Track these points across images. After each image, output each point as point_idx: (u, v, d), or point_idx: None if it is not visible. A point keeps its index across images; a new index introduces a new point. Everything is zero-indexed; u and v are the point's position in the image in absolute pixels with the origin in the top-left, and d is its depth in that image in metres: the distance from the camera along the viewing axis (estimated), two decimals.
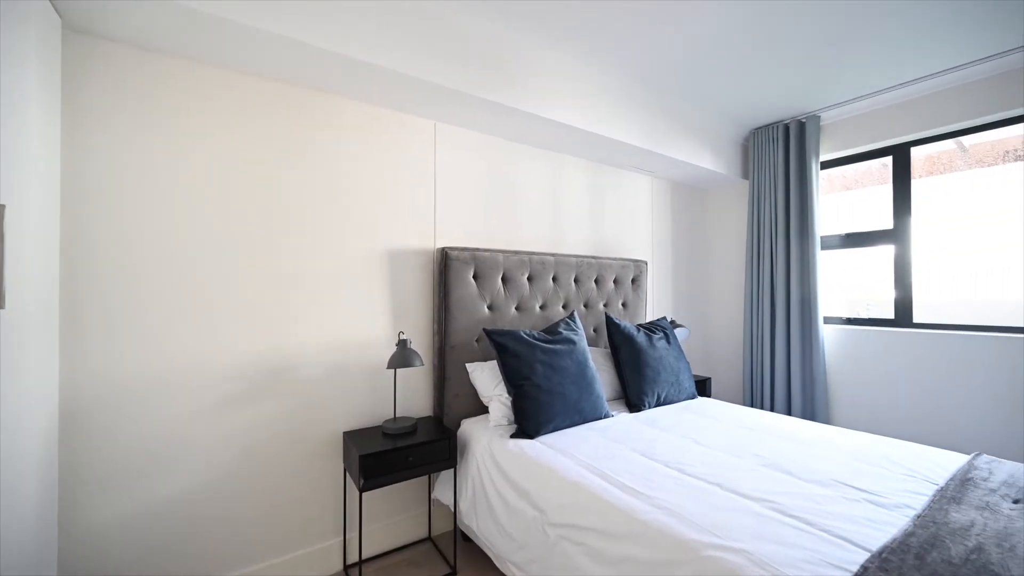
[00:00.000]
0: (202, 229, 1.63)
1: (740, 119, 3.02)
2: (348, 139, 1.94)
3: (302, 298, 1.83)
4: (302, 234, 1.83)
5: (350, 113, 1.95)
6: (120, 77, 1.50)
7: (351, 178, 1.95)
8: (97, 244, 1.47)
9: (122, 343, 1.50)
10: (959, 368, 2.41)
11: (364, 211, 1.98)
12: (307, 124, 1.85)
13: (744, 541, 1.09)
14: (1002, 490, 1.30)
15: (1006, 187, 2.37)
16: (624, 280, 2.85)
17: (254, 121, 1.73)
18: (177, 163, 1.59)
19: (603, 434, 1.84)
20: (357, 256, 1.96)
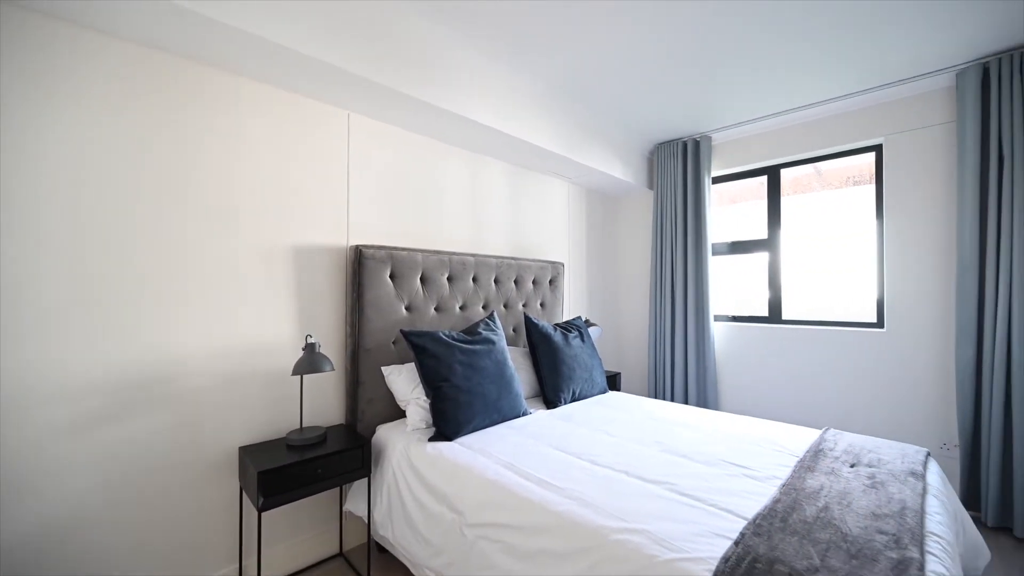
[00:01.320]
0: (61, 217, 1.36)
1: (646, 134, 3.29)
2: (253, 124, 1.76)
3: (190, 299, 1.61)
4: (193, 226, 1.62)
5: (256, 96, 1.77)
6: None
7: (254, 166, 1.77)
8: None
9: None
10: (818, 357, 2.85)
11: (268, 203, 1.81)
12: (205, 104, 1.65)
13: (646, 522, 1.18)
14: (843, 457, 1.56)
15: (850, 206, 2.86)
16: (542, 281, 2.94)
17: (141, 98, 1.49)
18: (31, 136, 1.31)
19: (521, 431, 1.88)
20: (259, 252, 1.78)
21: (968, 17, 1.92)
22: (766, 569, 0.96)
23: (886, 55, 2.21)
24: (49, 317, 1.36)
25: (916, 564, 0.98)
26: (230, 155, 1.71)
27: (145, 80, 1.52)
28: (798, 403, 2.91)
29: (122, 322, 1.48)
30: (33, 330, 1.33)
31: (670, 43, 2.11)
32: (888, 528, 1.12)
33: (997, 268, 2.17)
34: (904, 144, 2.56)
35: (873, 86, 2.50)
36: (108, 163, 1.46)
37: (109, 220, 1.46)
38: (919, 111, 2.51)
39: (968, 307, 2.26)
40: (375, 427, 2.00)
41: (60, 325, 1.38)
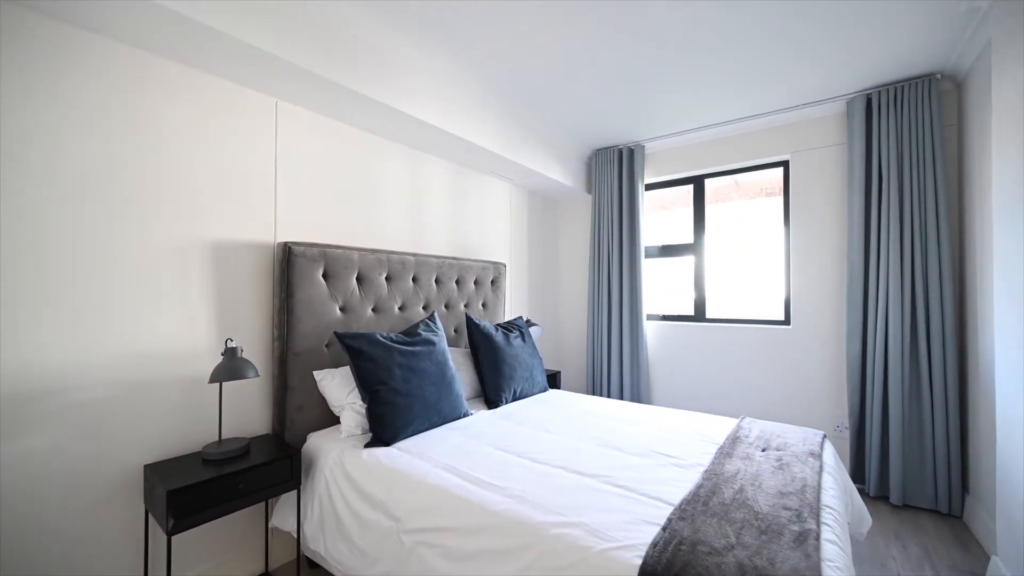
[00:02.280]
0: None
1: (585, 139, 3.40)
2: (167, 107, 1.58)
3: (91, 299, 1.42)
4: (94, 218, 1.42)
5: (170, 76, 1.59)
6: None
7: (168, 153, 1.59)
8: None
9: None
10: (736, 352, 3.12)
11: (183, 194, 1.64)
12: (109, 82, 1.46)
13: (583, 515, 1.22)
14: (756, 443, 1.72)
15: (763, 215, 3.16)
16: (484, 281, 2.95)
17: (44, 76, 1.28)
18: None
19: (462, 433, 1.87)
20: (173, 248, 1.61)
21: (857, 54, 2.20)
22: (689, 550, 1.03)
23: (794, 81, 2.47)
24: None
25: (813, 534, 1.10)
26: (139, 140, 1.53)
27: (43, 51, 1.32)
28: (720, 394, 3.17)
29: (10, 325, 1.27)
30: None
31: (607, 56, 2.21)
32: (792, 504, 1.25)
33: (877, 275, 2.50)
34: (806, 161, 2.88)
35: (782, 107, 2.78)
36: (16, 151, 1.25)
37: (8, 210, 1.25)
38: (818, 132, 2.83)
39: (856, 309, 2.58)
40: (306, 435, 1.88)
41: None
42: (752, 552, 1.03)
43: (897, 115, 2.45)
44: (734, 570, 0.97)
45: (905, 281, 2.39)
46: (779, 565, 0.98)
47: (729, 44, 2.11)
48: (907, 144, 2.41)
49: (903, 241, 2.41)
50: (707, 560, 1.00)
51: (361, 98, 1.93)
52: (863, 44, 2.13)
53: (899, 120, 2.44)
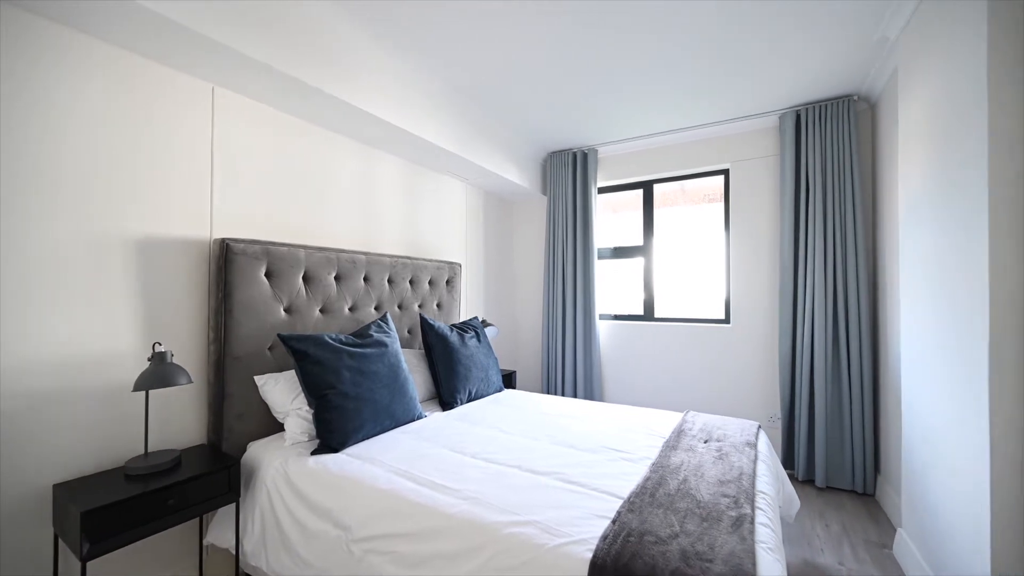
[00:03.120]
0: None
1: (540, 142, 3.45)
2: (86, 87, 1.43)
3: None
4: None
5: (92, 53, 1.44)
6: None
7: (79, 138, 1.44)
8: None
9: None
10: (683, 349, 3.28)
11: (98, 185, 1.48)
12: (18, 55, 1.29)
13: (537, 513, 1.23)
14: (699, 435, 1.82)
15: (707, 220, 3.35)
16: (439, 281, 2.91)
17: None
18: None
19: (416, 435, 1.83)
20: (84, 243, 1.46)
21: (787, 74, 2.38)
22: (637, 540, 1.07)
23: (733, 96, 2.64)
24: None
25: (748, 519, 1.18)
26: (49, 120, 1.37)
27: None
28: (667, 390, 3.31)
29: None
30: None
31: (563, 63, 2.25)
32: (730, 492, 1.33)
33: (805, 279, 2.72)
34: (744, 170, 3.08)
35: (723, 119, 2.96)
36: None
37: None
38: (755, 144, 3.04)
39: (787, 309, 2.79)
40: (246, 445, 1.77)
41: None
42: (694, 539, 1.09)
43: (821, 131, 2.68)
44: (677, 557, 1.02)
45: (828, 284, 2.62)
46: (718, 549, 1.04)
47: (675, 61, 2.22)
48: (830, 158, 2.64)
49: (826, 247, 2.63)
50: (653, 549, 1.04)
51: (309, 89, 1.84)
52: (792, 65, 2.31)
53: (823, 136, 2.67)
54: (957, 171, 1.42)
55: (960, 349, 1.40)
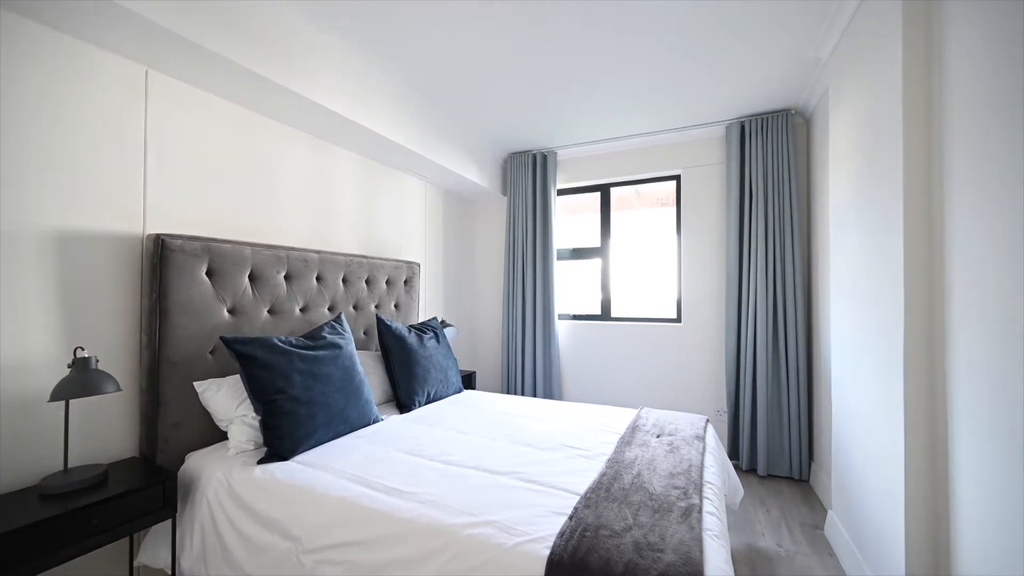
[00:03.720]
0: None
1: (501, 142, 3.46)
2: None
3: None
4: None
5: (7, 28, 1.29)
6: None
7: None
8: None
9: None
10: (638, 347, 3.39)
11: (8, 171, 1.33)
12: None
13: (495, 513, 1.23)
14: (652, 430, 1.89)
15: (660, 223, 3.48)
16: (397, 281, 2.84)
17: None
18: None
19: (371, 440, 1.78)
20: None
21: (733, 87, 2.53)
22: (593, 535, 1.10)
23: (684, 105, 2.76)
24: None
25: (696, 508, 1.24)
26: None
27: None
28: (623, 387, 3.42)
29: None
30: None
31: (522, 66, 2.26)
32: (680, 483, 1.39)
33: (749, 280, 2.89)
34: (694, 176, 3.23)
35: (674, 127, 3.10)
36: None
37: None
38: (704, 152, 3.20)
39: (732, 309, 2.96)
40: (184, 456, 1.65)
41: None
42: (647, 530, 1.13)
43: (763, 142, 2.86)
44: (631, 548, 1.05)
45: (769, 286, 2.81)
46: (668, 539, 1.09)
47: (629, 70, 2.30)
48: (770, 167, 2.82)
49: (767, 251, 2.82)
50: (608, 543, 1.07)
51: (256, 77, 1.74)
52: (737, 79, 2.45)
53: (764, 146, 2.85)
54: (877, 184, 1.56)
55: (880, 345, 1.53)
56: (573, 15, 1.90)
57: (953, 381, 1.22)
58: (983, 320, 1.09)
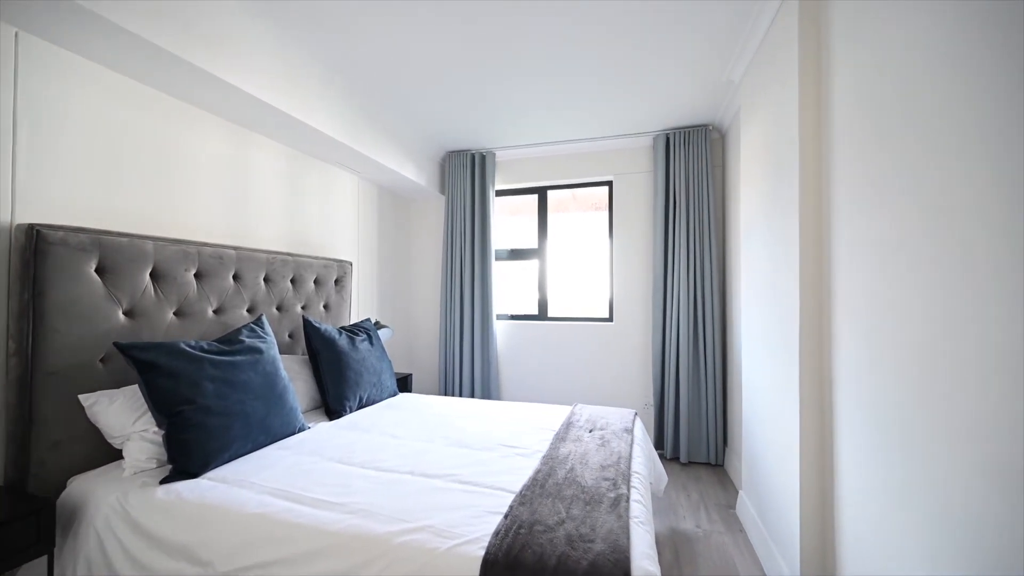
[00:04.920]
0: None
1: (439, 141, 3.41)
2: None
3: None
4: None
5: None
6: None
7: None
8: None
9: None
10: (573, 346, 3.50)
11: None
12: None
13: (430, 517, 1.20)
14: (585, 425, 1.96)
15: (594, 226, 3.63)
16: (327, 281, 2.69)
17: None
18: None
19: (296, 450, 1.66)
20: None
21: (659, 101, 2.70)
22: (527, 531, 1.11)
23: (615, 115, 2.90)
24: None
25: (624, 497, 1.31)
26: None
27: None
28: (559, 385, 3.51)
29: None
30: None
31: (460, 65, 2.24)
32: (610, 475, 1.45)
33: (673, 282, 3.11)
34: (625, 183, 3.41)
35: (607, 135, 3.24)
36: None
37: None
38: (634, 160, 3.38)
39: (658, 308, 3.16)
40: (66, 481, 1.43)
41: None
42: (579, 522, 1.16)
43: (685, 154, 3.08)
44: (564, 541, 1.08)
45: (689, 287, 3.03)
46: (598, 529, 1.13)
47: (564, 79, 2.37)
48: (691, 178, 3.05)
49: (689, 255, 3.04)
50: (542, 538, 1.09)
51: (154, 50, 1.55)
52: (661, 95, 2.63)
53: (687, 158, 3.08)
54: (778, 199, 1.74)
55: (780, 343, 1.72)
56: (504, 16, 1.91)
57: (836, 374, 1.40)
58: (856, 320, 1.26)
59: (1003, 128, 0.77)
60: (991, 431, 0.79)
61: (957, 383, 0.88)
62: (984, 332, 0.81)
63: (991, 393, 0.79)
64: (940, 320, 0.92)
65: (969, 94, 0.85)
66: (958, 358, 0.87)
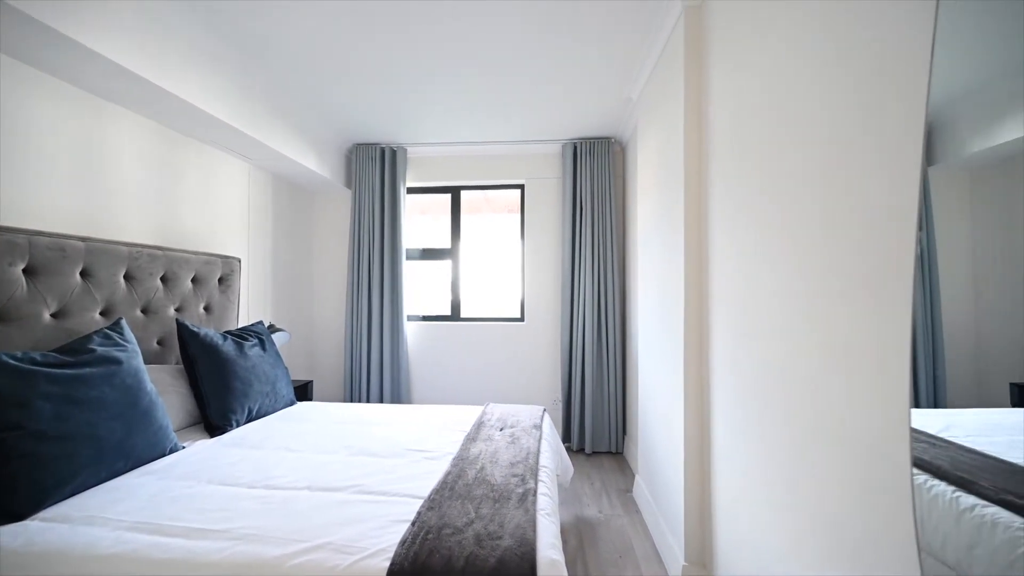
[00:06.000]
0: None
1: (345, 131, 3.20)
2: None
3: None
4: None
5: None
6: None
7: None
8: None
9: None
10: (485, 346, 3.52)
11: None
12: None
13: (329, 534, 1.12)
14: (496, 424, 1.98)
15: (507, 228, 3.69)
16: (208, 279, 2.38)
17: None
18: None
19: (166, 475, 1.44)
20: None
21: (567, 113, 2.84)
22: (436, 536, 1.09)
23: (528, 121, 2.99)
24: None
25: (532, 492, 1.35)
26: None
27: None
28: (472, 386, 3.51)
29: None
30: None
31: (371, 52, 2.13)
32: (519, 471, 1.49)
33: (580, 283, 3.29)
34: (536, 187, 3.53)
35: (520, 140, 3.33)
36: None
37: None
38: (545, 166, 3.51)
39: (566, 308, 3.32)
40: None
41: None
42: (487, 521, 1.17)
43: (591, 163, 3.29)
44: (472, 542, 1.08)
45: (594, 288, 3.24)
46: (506, 525, 1.15)
47: (481, 79, 2.38)
48: (596, 186, 3.26)
49: (593, 258, 3.25)
50: (450, 540, 1.08)
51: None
52: (569, 106, 2.77)
53: (592, 167, 3.28)
54: (668, 210, 1.94)
55: (669, 338, 1.91)
56: (423, 14, 1.87)
57: (713, 367, 1.60)
58: (727, 319, 1.45)
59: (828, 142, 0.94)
60: (832, 404, 0.96)
61: (801, 375, 1.05)
62: (830, 333, 0.98)
63: (834, 384, 0.96)
64: (783, 320, 1.10)
65: (814, 124, 1.02)
66: (801, 353, 1.05)
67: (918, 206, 0.73)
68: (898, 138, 0.76)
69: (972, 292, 1.01)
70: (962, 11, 0.72)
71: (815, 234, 0.99)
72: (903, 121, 0.75)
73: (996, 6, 0.80)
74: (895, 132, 0.77)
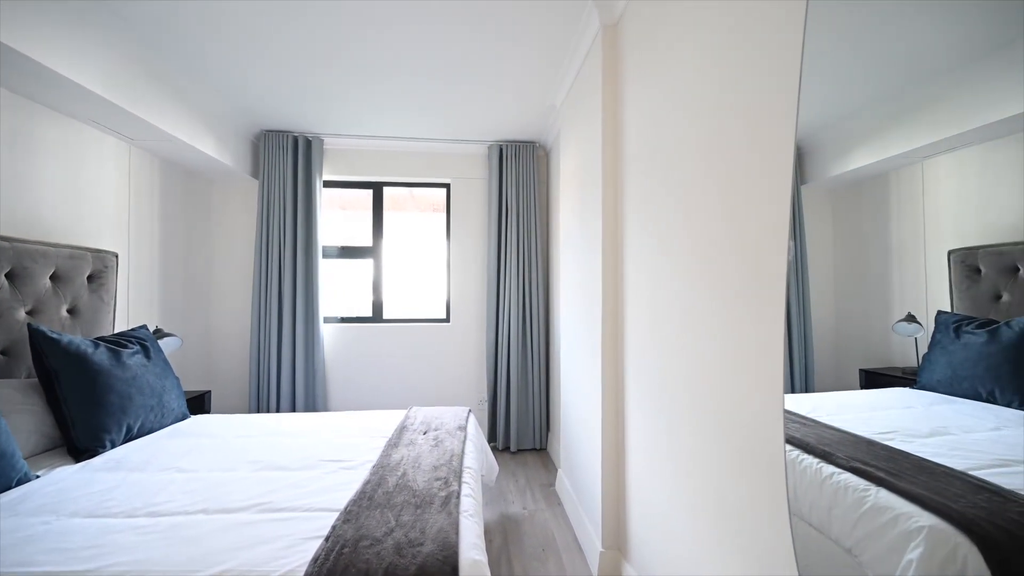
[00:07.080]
0: None
1: (251, 115, 2.92)
2: None
3: None
4: None
5: None
6: None
7: None
8: None
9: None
10: (409, 348, 3.42)
11: None
12: None
13: (226, 561, 1.01)
14: (419, 428, 1.93)
15: (433, 227, 3.62)
16: (74, 277, 2.02)
17: None
18: None
19: (12, 511, 1.20)
20: None
21: (493, 116, 2.85)
22: (352, 549, 1.03)
23: (454, 121, 2.96)
24: None
25: (455, 494, 1.33)
26: None
27: None
28: (395, 389, 3.39)
29: None
30: None
31: (285, 29, 1.96)
32: (443, 474, 1.46)
33: (506, 284, 3.32)
34: (462, 187, 3.50)
35: (446, 138, 3.28)
36: None
37: None
38: (471, 166, 3.50)
39: (492, 309, 3.34)
40: None
41: None
42: (408, 528, 1.13)
43: (517, 166, 3.34)
44: (392, 551, 1.04)
45: (519, 289, 3.29)
46: (428, 530, 1.12)
47: (406, 76, 2.31)
48: (521, 188, 3.32)
49: (519, 260, 3.30)
50: (368, 553, 1.03)
51: None
52: (494, 109, 2.80)
53: (518, 170, 3.34)
54: (586, 214, 2.03)
55: (587, 338, 2.00)
56: (347, 3, 1.77)
57: (626, 364, 1.70)
58: (636, 320, 1.56)
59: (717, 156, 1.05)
60: (726, 391, 1.06)
61: (699, 368, 1.16)
62: (722, 329, 1.08)
63: (728, 374, 1.06)
64: (682, 319, 1.21)
65: (711, 137, 1.13)
66: (699, 348, 1.15)
67: (790, 217, 0.83)
68: (774, 155, 0.87)
69: (833, 293, 1.19)
70: (822, 53, 0.84)
71: (711, 238, 1.10)
72: (778, 141, 0.86)
73: (848, 57, 0.95)
74: (771, 151, 0.88)
